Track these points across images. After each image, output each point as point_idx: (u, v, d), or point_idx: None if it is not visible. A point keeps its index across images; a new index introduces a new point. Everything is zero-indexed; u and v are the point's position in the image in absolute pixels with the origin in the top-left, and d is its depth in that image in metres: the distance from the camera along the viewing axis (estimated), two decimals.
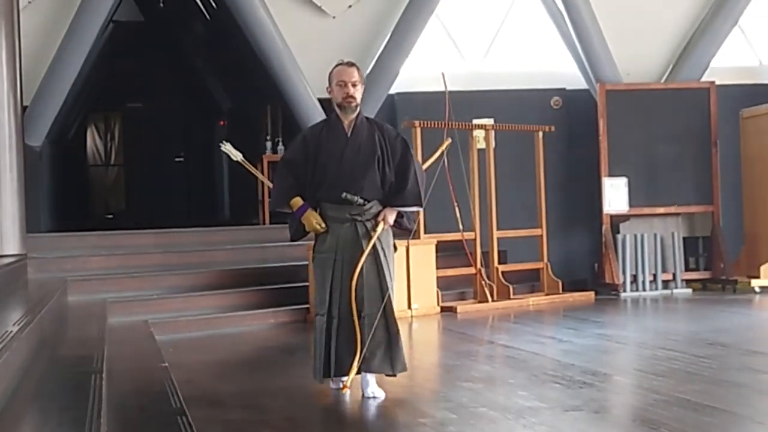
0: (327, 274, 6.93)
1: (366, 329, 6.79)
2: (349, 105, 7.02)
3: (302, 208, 7.01)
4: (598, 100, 14.20)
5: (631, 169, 14.12)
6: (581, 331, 10.13)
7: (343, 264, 6.91)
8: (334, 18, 14.23)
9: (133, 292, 10.92)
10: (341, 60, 7.27)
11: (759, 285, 13.60)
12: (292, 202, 7.03)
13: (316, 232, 6.99)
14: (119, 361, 7.31)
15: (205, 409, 6.46)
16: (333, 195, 6.95)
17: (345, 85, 7.03)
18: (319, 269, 7.02)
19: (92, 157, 25.57)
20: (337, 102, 7.07)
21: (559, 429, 5.89)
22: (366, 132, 7.03)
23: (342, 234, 6.95)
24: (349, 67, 7.11)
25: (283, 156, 7.47)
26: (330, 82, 7.14)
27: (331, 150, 6.99)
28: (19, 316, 6.02)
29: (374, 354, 6.81)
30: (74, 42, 13.10)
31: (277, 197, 7.19)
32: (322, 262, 6.99)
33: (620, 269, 13.89)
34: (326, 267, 6.94)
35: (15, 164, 9.54)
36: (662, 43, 15.08)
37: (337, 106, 7.09)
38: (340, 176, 6.94)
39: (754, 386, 7.28)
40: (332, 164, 6.97)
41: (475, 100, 13.88)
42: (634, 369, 8.15)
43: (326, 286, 6.92)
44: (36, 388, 5.21)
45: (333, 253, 6.93)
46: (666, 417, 6.08)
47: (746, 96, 14.68)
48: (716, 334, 9.91)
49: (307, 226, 7.03)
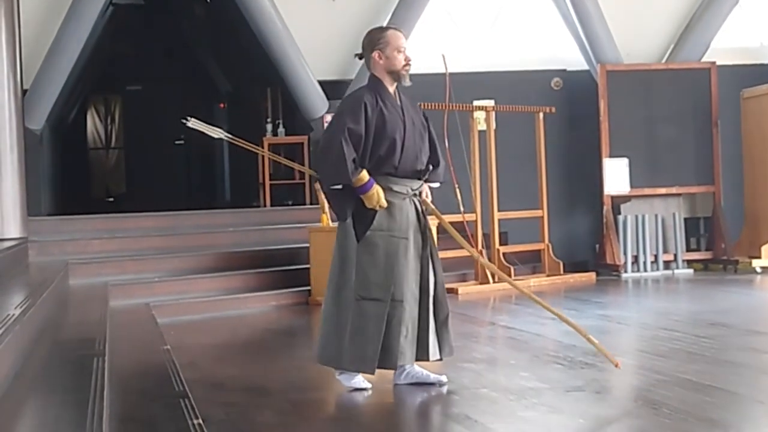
0: (397, 255, 6.36)
1: (433, 314, 6.51)
2: (406, 72, 6.53)
3: (369, 183, 6.30)
4: (599, 81, 14.18)
5: (632, 149, 14.10)
6: (582, 312, 10.13)
7: (414, 245, 6.47)
8: (334, 0, 14.20)
9: (134, 275, 10.93)
10: (387, 26, 6.83)
11: (760, 265, 13.60)
12: (360, 176, 6.31)
13: (378, 208, 6.37)
14: (121, 343, 7.32)
15: (207, 391, 6.47)
16: (402, 169, 6.45)
17: (403, 51, 6.56)
18: (385, 251, 6.36)
19: (92, 141, 25.58)
20: (394, 69, 6.52)
21: (561, 409, 5.90)
22: (408, 103, 6.63)
23: (407, 212, 6.47)
24: (401, 32, 6.68)
25: (342, 122, 6.38)
26: (380, 46, 6.57)
27: (395, 121, 6.45)
28: (20, 299, 6.02)
29: (431, 340, 6.53)
30: (74, 25, 13.07)
31: (344, 171, 6.25)
32: (389, 242, 6.37)
33: (621, 250, 13.89)
34: (396, 247, 6.37)
35: (15, 148, 9.53)
36: (663, 23, 15.05)
37: (389, 74, 6.54)
38: (407, 149, 6.45)
39: (755, 366, 7.29)
40: (399, 136, 6.43)
41: (475, 81, 13.86)
42: (635, 349, 8.15)
43: (394, 268, 6.34)
44: (38, 371, 5.21)
45: (405, 233, 6.42)
46: (667, 397, 6.09)
47: (747, 76, 14.67)
48: (717, 315, 9.91)
49: (368, 203, 6.33)
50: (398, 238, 6.40)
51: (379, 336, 6.29)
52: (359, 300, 6.34)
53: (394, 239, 6.39)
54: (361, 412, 6.13)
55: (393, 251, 6.37)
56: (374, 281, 6.33)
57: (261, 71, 15.92)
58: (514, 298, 11.67)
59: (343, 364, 6.43)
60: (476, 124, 12.72)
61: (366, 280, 6.34)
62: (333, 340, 6.45)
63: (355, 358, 6.35)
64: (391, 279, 6.33)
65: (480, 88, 13.77)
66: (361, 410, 6.18)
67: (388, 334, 6.32)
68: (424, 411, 6.06)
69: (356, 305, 6.34)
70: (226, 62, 20.83)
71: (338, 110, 6.57)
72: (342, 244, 6.49)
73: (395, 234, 6.39)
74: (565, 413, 5.82)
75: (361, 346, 6.32)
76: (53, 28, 13.06)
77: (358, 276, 6.36)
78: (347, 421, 5.94)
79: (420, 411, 6.07)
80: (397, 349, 6.35)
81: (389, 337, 6.32)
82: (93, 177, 25.27)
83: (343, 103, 6.68)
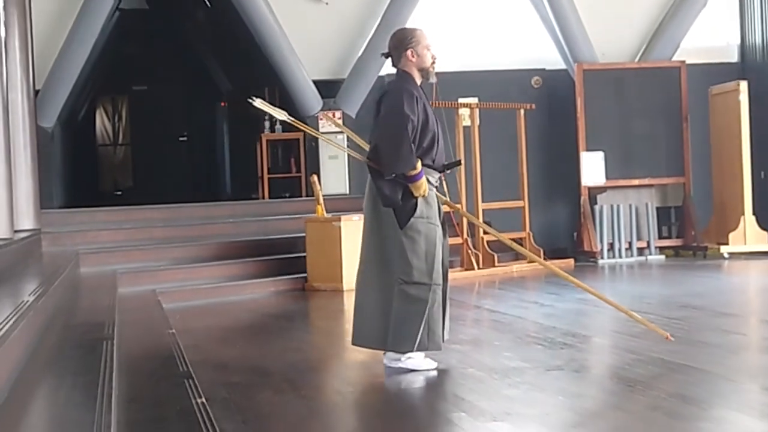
0: (435, 241, 6.28)
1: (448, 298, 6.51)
2: (434, 69, 6.42)
3: (421, 173, 6.20)
4: (576, 79, 14.17)
5: (607, 143, 14.11)
6: (562, 296, 10.13)
7: (442, 233, 6.42)
8: (327, 4, 14.19)
9: (141, 263, 10.92)
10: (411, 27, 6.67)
11: (728, 251, 13.61)
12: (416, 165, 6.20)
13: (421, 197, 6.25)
14: (129, 328, 7.31)
15: (211, 372, 6.45)
16: (438, 162, 6.36)
17: (430, 49, 6.43)
18: (426, 237, 6.26)
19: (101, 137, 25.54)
20: (425, 66, 6.41)
21: (542, 387, 5.89)
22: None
23: (436, 201, 6.41)
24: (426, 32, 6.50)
25: (405, 114, 6.21)
26: (412, 45, 6.40)
27: (432, 115, 6.35)
28: (34, 287, 6.01)
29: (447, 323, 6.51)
30: (83, 29, 13.05)
31: (409, 160, 6.16)
32: (429, 229, 6.27)
33: (598, 238, 13.90)
34: (435, 234, 6.29)
35: (28, 144, 9.51)
36: (636, 25, 15.05)
37: (420, 71, 6.41)
38: (440, 143, 6.36)
39: (724, 345, 7.29)
40: (437, 130, 6.33)
41: (460, 80, 13.85)
42: (611, 330, 8.15)
43: (437, 255, 6.29)
44: (51, 354, 5.20)
45: (438, 221, 6.34)
46: (642, 375, 6.09)
47: (715, 74, 14.68)
48: (688, 298, 9.92)
49: (415, 191, 6.21)
50: (435, 225, 6.35)
51: (423, 318, 6.23)
52: (402, 284, 6.24)
53: (432, 226, 6.31)
54: (355, 390, 6.12)
55: (432, 238, 6.29)
56: (417, 266, 6.24)
57: (259, 71, 15.90)
58: (497, 284, 11.68)
59: (389, 346, 6.33)
60: (461, 121, 12.71)
61: (409, 266, 6.23)
62: (376, 324, 6.34)
63: (401, 339, 6.26)
64: (432, 264, 6.28)
65: (464, 86, 13.75)
66: (355, 388, 6.18)
67: (431, 316, 6.27)
68: (415, 390, 6.06)
69: (399, 289, 6.25)
70: (227, 63, 20.79)
71: (393, 102, 6.29)
72: (380, 232, 6.34)
73: (432, 221, 6.32)
74: (546, 391, 5.81)
75: (407, 328, 6.23)
76: (63, 32, 13.05)
77: (401, 261, 6.24)
78: (343, 397, 5.93)
79: (411, 390, 6.06)
80: (440, 330, 6.34)
81: (432, 319, 6.28)
82: (102, 172, 25.24)
83: (394, 94, 6.34)
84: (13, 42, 9.01)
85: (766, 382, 6.02)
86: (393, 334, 6.28)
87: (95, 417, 3.72)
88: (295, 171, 15.06)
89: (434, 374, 6.28)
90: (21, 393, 4.08)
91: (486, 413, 5.24)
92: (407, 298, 6.25)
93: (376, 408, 5.86)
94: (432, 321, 6.28)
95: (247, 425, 5.11)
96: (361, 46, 14.04)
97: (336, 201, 12.53)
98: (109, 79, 22.06)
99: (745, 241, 13.64)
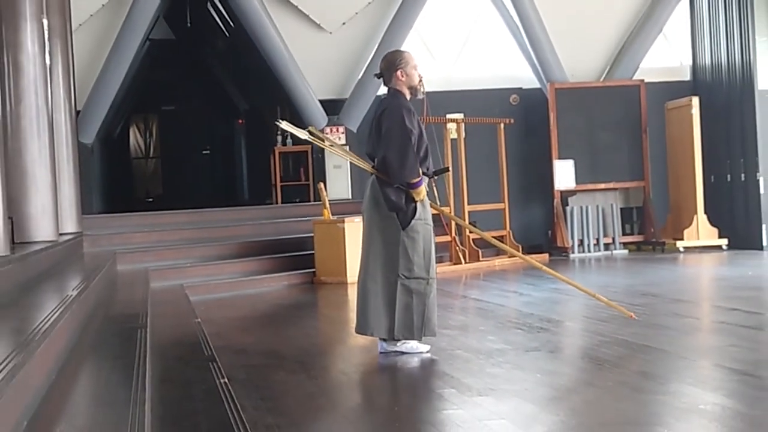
0: (431, 240, 6.30)
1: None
2: (421, 86, 6.37)
3: (421, 180, 6.21)
4: (549, 96, 14.18)
5: (577, 152, 14.11)
6: (538, 286, 10.14)
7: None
8: (331, 33, 14.20)
9: (170, 261, 10.91)
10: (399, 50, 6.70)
11: (683, 245, 13.63)
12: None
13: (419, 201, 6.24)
14: (160, 318, 7.31)
15: (232, 356, 6.46)
16: (430, 170, 6.34)
17: (417, 69, 6.36)
18: (423, 236, 6.26)
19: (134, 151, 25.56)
20: (413, 84, 6.34)
21: (522, 366, 5.90)
22: None
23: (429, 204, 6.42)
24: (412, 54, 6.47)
25: (407, 128, 6.20)
26: (402, 65, 6.33)
27: (423, 129, 6.36)
28: (77, 282, 6.01)
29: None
30: (118, 57, 13.05)
31: (414, 167, 6.16)
32: (427, 230, 6.29)
33: (569, 235, 13.91)
34: (430, 233, 6.31)
35: (71, 158, 9.51)
36: (601, 48, 15.05)
37: (409, 89, 6.35)
38: (430, 153, 6.35)
39: (679, 328, 7.31)
40: (428, 142, 6.33)
41: (447, 98, 13.84)
42: (582, 316, 8.16)
43: (432, 252, 6.30)
44: (92, 341, 5.20)
45: (431, 222, 6.35)
46: (609, 354, 6.10)
47: (670, 91, 14.68)
48: (648, 286, 9.93)
49: (416, 197, 6.20)
50: (430, 225, 6.36)
51: (423, 308, 6.25)
52: (403, 279, 6.23)
53: (428, 226, 6.33)
54: (358, 371, 6.13)
55: (428, 237, 6.31)
56: (417, 263, 6.23)
57: (272, 92, 15.89)
58: (482, 276, 11.68)
59: (396, 335, 6.28)
60: (449, 134, 12.70)
61: (410, 262, 6.23)
62: (382, 316, 6.28)
63: (406, 327, 6.25)
64: (429, 260, 6.29)
65: (451, 103, 13.75)
66: (357, 369, 6.18)
67: (429, 306, 6.28)
68: (410, 369, 6.06)
69: (401, 284, 6.23)
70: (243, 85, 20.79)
71: (395, 117, 6.23)
72: (386, 233, 6.28)
73: (428, 222, 6.34)
74: (525, 369, 5.82)
75: (410, 317, 6.23)
76: (101, 60, 13.05)
77: (403, 259, 6.22)
78: (347, 377, 5.94)
79: (407, 369, 6.07)
80: (435, 317, 6.34)
81: (429, 309, 6.28)
82: (135, 181, 25.25)
83: (395, 111, 6.26)
84: (57, 69, 9.00)
85: (716, 359, 6.02)
86: (398, 324, 6.26)
87: (131, 394, 3.73)
88: (304, 179, 15.05)
89: (427, 356, 6.29)
90: (68, 373, 4.09)
91: (473, 389, 5.25)
92: (409, 291, 6.25)
93: (376, 386, 5.88)
94: (429, 310, 6.29)
95: (264, 401, 5.11)
96: (360, 70, 14.05)
97: (340, 205, 12.53)
98: (141, 101, 22.07)
99: (698, 236, 13.65)
